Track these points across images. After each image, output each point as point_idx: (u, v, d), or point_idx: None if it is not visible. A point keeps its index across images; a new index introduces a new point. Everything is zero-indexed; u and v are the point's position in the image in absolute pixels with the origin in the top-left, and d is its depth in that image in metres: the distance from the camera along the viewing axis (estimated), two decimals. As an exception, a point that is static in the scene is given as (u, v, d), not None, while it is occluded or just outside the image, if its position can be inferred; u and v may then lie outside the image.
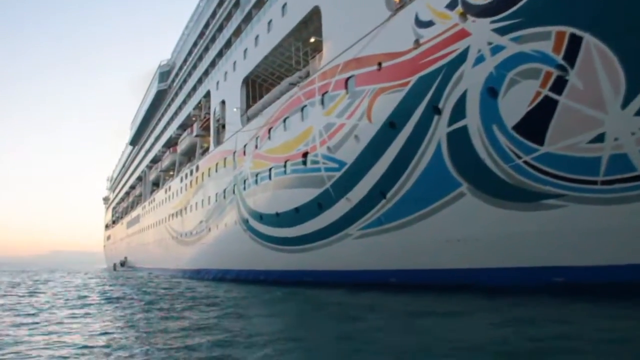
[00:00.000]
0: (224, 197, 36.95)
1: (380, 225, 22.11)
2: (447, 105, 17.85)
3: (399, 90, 19.73)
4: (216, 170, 39.44)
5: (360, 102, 21.69)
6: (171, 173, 61.69)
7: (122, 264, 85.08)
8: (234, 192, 35.13)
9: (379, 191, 21.61)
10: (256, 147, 31.73)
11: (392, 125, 20.22)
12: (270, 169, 29.54)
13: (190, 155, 52.81)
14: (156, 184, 69.40)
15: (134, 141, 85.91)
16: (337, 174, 23.37)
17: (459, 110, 17.47)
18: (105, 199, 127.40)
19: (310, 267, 27.47)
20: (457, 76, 17.41)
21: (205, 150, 45.83)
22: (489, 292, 17.40)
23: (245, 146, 33.55)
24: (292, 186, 27.10)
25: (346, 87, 22.80)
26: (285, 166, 27.75)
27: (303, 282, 27.93)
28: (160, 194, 61.13)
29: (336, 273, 25.70)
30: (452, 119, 17.77)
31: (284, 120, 28.26)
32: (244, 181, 33.23)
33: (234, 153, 35.43)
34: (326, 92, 24.21)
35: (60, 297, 25.17)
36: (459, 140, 17.74)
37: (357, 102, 21.88)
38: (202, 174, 42.99)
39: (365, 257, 23.38)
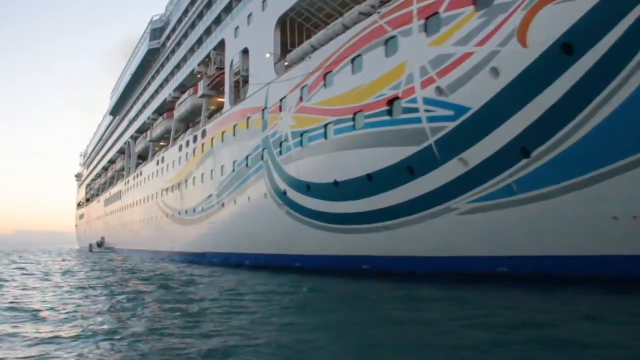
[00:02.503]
0: (247, 165, 30.06)
1: (509, 195, 15.97)
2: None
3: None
4: (234, 134, 32.46)
5: (505, 19, 15.10)
6: (163, 143, 54.32)
7: (100, 244, 77.40)
8: (262, 158, 28.30)
9: (519, 148, 15.32)
10: (301, 99, 24.90)
11: (566, 50, 13.76)
12: (326, 126, 22.82)
13: (190, 120, 45.55)
14: (143, 157, 61.91)
15: (115, 111, 77.81)
16: (451, 125, 16.83)
17: None
18: (78, 176, 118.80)
19: (379, 252, 21.16)
20: None
21: (214, 113, 38.71)
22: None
23: (282, 100, 26.68)
24: (365, 145, 20.46)
25: (474, 1, 16.18)
26: (354, 120, 21.06)
27: (359, 271, 22.14)
28: (149, 167, 53.72)
29: (419, 260, 19.49)
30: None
31: (353, 61, 21.50)
32: (280, 144, 26.41)
33: (264, 110, 28.53)
34: (435, 14, 17.53)
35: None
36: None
37: (499, 21, 15.28)
38: (212, 139, 35.92)
39: (471, 239, 17.67)
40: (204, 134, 37.76)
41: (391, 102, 19.15)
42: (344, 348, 9.25)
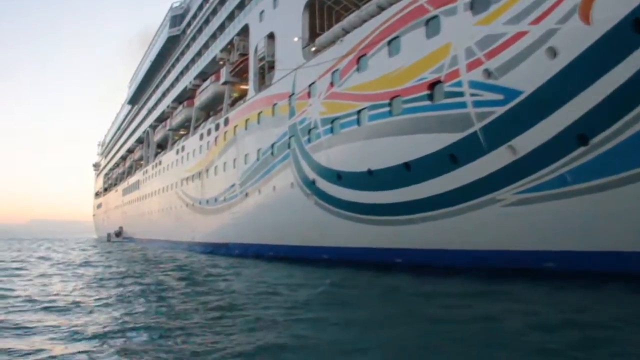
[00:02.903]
0: (272, 153, 29.08)
1: (561, 186, 14.82)
2: None
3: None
4: (258, 122, 31.48)
5: (565, -6, 13.93)
6: (182, 132, 53.53)
7: (117, 234, 76.94)
8: (288, 146, 27.30)
9: (575, 134, 14.15)
10: (331, 84, 23.85)
11: (638, 27, 12.62)
12: (359, 112, 21.76)
13: (211, 108, 44.63)
14: (161, 146, 61.18)
15: (133, 99, 77.06)
16: (499, 110, 15.72)
17: None
18: (96, 165, 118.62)
19: (414, 245, 20.11)
20: None
21: (237, 100, 37.73)
22: None
23: (310, 86, 25.64)
24: (403, 132, 19.39)
25: (529, -24, 15.01)
26: (390, 105, 19.97)
27: (390, 264, 21.08)
28: (169, 156, 52.93)
29: (459, 253, 18.42)
30: None
31: (389, 43, 20.38)
32: (309, 131, 25.39)
33: (291, 96, 27.50)
34: (483, -10, 16.39)
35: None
36: None
37: (557, -5, 14.11)
38: (235, 127, 34.97)
39: (516, 232, 16.57)
40: (226, 121, 36.83)
41: (432, 85, 18.04)
42: (400, 348, 8.29)
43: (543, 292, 14.03)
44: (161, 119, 59.92)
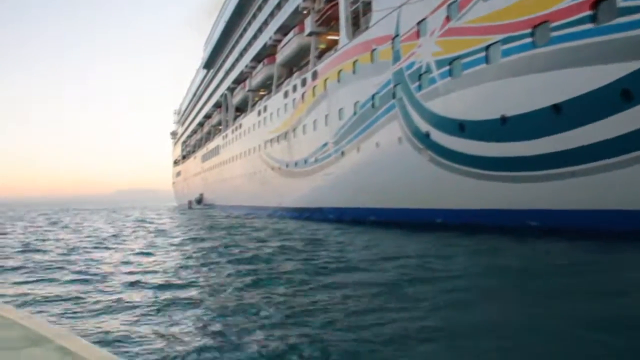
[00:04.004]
0: (373, 105, 25.92)
1: None
2: None
3: None
4: (354, 71, 28.29)
5: None
6: (262, 92, 51.02)
7: (198, 201, 76.30)
8: (393, 95, 24.05)
9: None
10: (448, 18, 20.32)
11: None
12: (488, 47, 18.24)
13: (295, 64, 41.68)
14: (240, 109, 59.07)
15: (209, 63, 75.16)
16: None
17: None
18: (173, 134, 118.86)
19: (557, 205, 16.82)
20: None
21: (325, 52, 34.58)
22: None
23: (419, 24, 22.18)
24: (552, 66, 15.81)
25: None
26: (533, 34, 16.37)
27: (520, 228, 17.70)
28: (250, 118, 50.64)
29: (623, 214, 14.76)
30: None
31: (529, -41, 16.66)
32: (419, 76, 22.04)
33: (394, 39, 24.12)
34: None
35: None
36: None
37: None
38: (325, 81, 31.92)
39: None
40: (314, 75, 33.82)
41: (596, 3, 14.32)
42: None
43: None
44: (239, 80, 57.57)
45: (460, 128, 19.60)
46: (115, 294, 9.89)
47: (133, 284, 10.88)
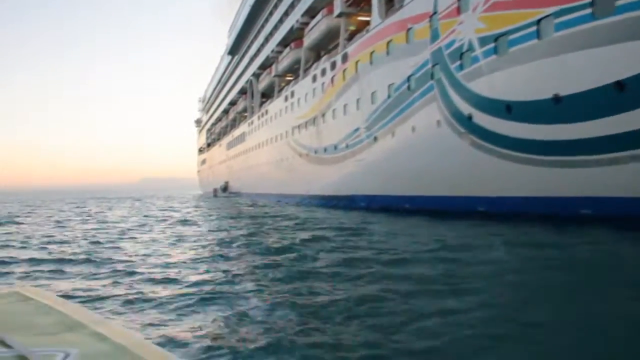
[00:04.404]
0: (409, 88, 24.59)
1: None
2: None
3: None
4: (387, 52, 26.96)
5: None
6: (289, 78, 49.84)
7: (224, 189, 75.68)
8: (432, 76, 22.70)
9: None
10: (492, -9, 18.91)
11: None
12: (539, 21, 16.83)
13: (323, 47, 40.40)
14: (266, 95, 58.00)
15: (234, 49, 74.15)
16: None
17: None
18: (198, 122, 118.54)
19: (615, 192, 15.43)
20: None
21: (355, 34, 33.24)
22: None
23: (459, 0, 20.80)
24: (616, 39, 14.42)
25: None
26: (593, 4, 14.98)
27: (570, 217, 16.27)
28: (276, 104, 49.54)
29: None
30: None
31: None
32: (460, 55, 20.67)
33: (432, 16, 22.74)
34: None
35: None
36: None
37: None
38: (356, 63, 30.62)
39: None
40: (344, 58, 32.52)
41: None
42: None
43: None
44: (265, 66, 56.46)
45: (507, 109, 18.23)
46: (149, 284, 9.38)
47: (164, 276, 10.09)
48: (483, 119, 19.51)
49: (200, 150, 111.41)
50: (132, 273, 10.57)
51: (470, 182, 21.04)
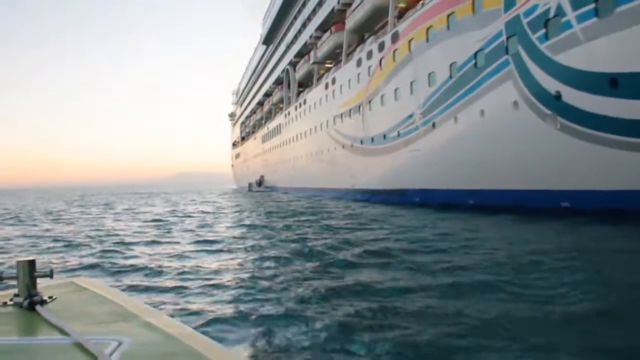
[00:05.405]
0: (476, 65, 21.35)
1: None
2: None
3: None
4: (447, 27, 23.71)
5: None
6: (328, 65, 46.85)
7: (259, 183, 73.17)
8: (506, 51, 19.42)
9: None
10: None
11: None
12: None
13: (368, 29, 37.21)
14: (303, 84, 55.12)
15: (268, 38, 71.50)
16: None
17: None
18: (232, 115, 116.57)
19: None
20: None
21: (404, 12, 30.03)
22: None
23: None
24: None
25: None
26: None
27: None
28: (315, 92, 46.57)
29: None
30: None
31: None
32: (545, 22, 17.38)
33: (506, -19, 19.44)
34: None
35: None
36: None
37: None
38: (409, 42, 27.39)
39: None
40: (394, 37, 29.32)
41: None
42: None
43: None
44: (302, 53, 53.52)
45: (612, 84, 14.91)
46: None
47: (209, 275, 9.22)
48: (577, 97, 16.21)
49: (234, 144, 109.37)
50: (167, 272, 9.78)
51: (554, 172, 17.79)
